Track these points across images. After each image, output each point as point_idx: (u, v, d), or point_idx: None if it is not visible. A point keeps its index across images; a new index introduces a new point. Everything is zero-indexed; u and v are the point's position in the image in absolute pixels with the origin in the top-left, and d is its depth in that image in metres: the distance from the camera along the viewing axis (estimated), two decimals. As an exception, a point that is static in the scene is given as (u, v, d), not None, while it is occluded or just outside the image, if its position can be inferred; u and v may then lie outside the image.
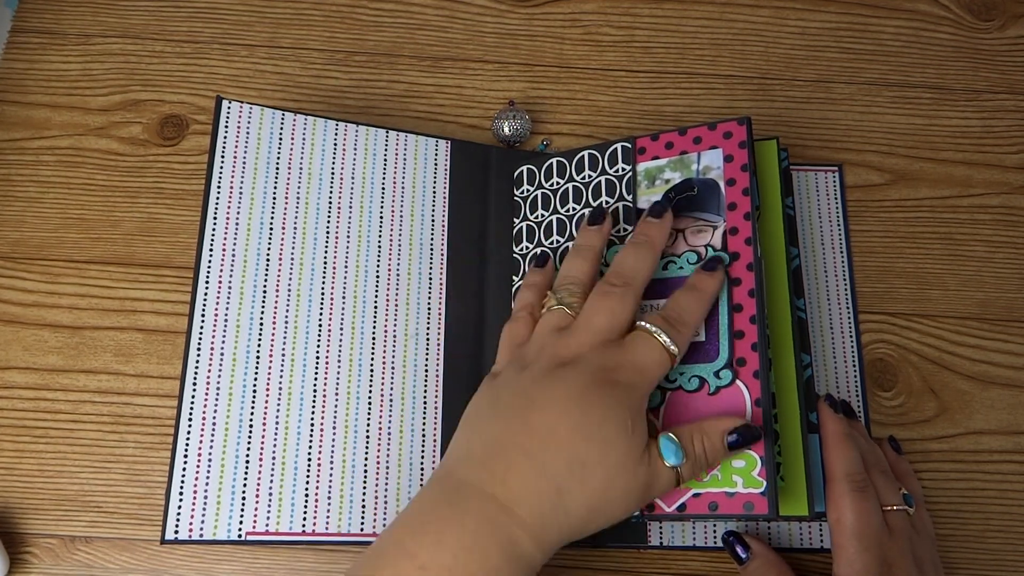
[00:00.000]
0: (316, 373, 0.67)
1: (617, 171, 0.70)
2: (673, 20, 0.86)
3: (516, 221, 0.74)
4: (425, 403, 0.68)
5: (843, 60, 0.85)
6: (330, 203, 0.71)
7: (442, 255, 0.72)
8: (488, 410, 0.60)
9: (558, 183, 0.73)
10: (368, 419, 0.67)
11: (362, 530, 0.64)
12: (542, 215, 0.73)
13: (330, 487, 0.65)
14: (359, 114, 0.80)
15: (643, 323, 0.59)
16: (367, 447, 0.66)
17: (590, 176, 0.71)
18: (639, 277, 0.62)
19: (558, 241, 0.71)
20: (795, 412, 0.63)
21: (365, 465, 0.66)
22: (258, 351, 0.66)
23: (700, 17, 0.86)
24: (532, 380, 0.58)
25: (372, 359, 0.68)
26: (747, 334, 0.62)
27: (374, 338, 0.69)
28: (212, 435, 0.64)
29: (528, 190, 0.74)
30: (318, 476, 0.65)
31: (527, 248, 0.72)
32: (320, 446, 0.65)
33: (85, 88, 0.80)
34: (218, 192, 0.68)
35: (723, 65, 0.85)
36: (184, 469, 0.63)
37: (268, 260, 0.68)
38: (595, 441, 0.55)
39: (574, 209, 0.71)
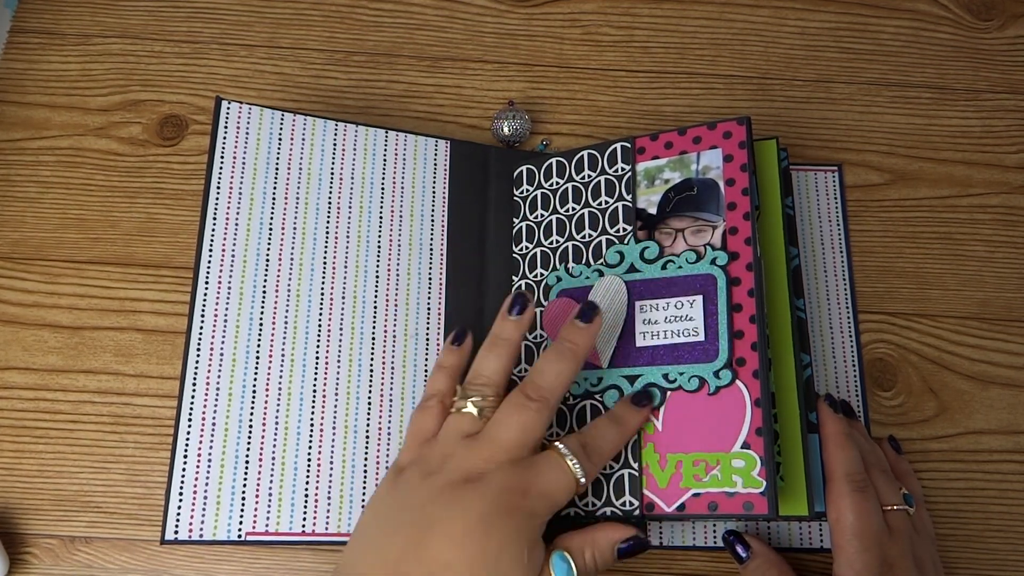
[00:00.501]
0: (316, 373, 0.67)
1: (616, 171, 0.70)
2: (673, 20, 0.86)
3: (516, 221, 0.74)
4: (425, 403, 0.68)
5: (843, 60, 0.85)
6: (330, 203, 0.71)
7: (442, 255, 0.72)
8: (386, 523, 0.57)
9: (558, 183, 0.73)
10: (368, 419, 0.67)
11: (362, 530, 0.65)
12: (542, 215, 0.73)
13: (330, 487, 0.65)
14: (359, 114, 0.80)
15: (558, 444, 0.58)
16: (367, 447, 0.67)
17: (589, 176, 0.71)
18: (557, 391, 0.60)
19: (558, 241, 0.71)
20: (795, 412, 0.63)
21: (365, 465, 0.66)
22: (258, 351, 0.66)
23: (700, 17, 0.86)
24: (433, 495, 0.55)
25: (372, 359, 0.68)
26: (747, 334, 0.62)
27: (374, 338, 0.69)
28: (212, 435, 0.64)
29: (528, 190, 0.74)
30: (318, 476, 0.65)
31: (527, 248, 0.72)
32: (320, 446, 0.65)
33: (84, 88, 0.80)
34: (218, 192, 0.68)
35: (723, 65, 0.85)
36: (184, 469, 0.63)
37: (268, 260, 0.68)
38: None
39: (574, 209, 0.71)
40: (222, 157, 0.69)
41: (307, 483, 0.65)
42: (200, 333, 0.65)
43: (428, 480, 0.57)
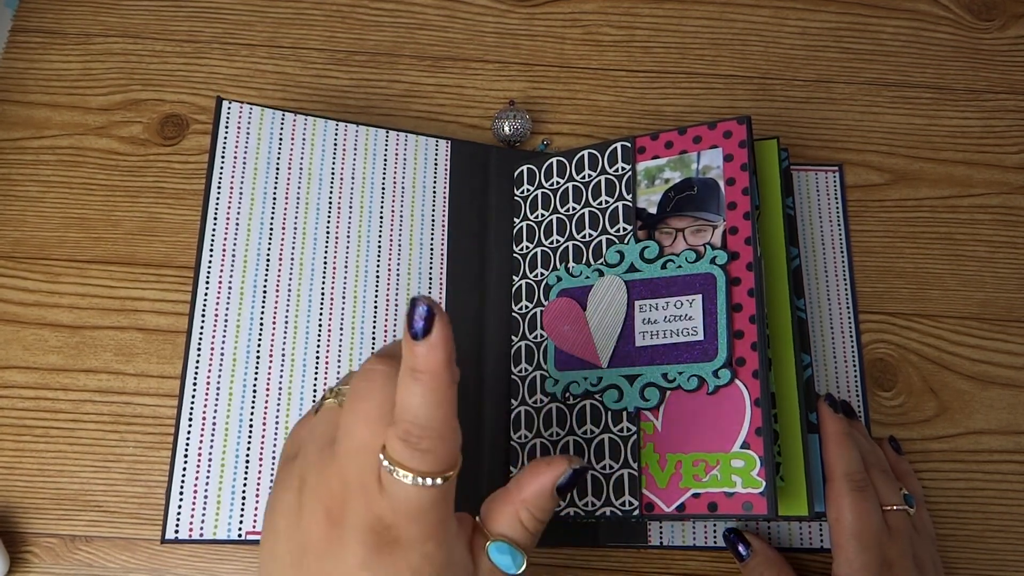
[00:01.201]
0: (316, 373, 0.67)
1: (617, 170, 0.70)
2: (673, 20, 0.86)
3: (516, 221, 0.74)
4: (425, 403, 0.68)
5: (843, 60, 0.85)
6: (330, 203, 0.71)
7: (442, 255, 0.72)
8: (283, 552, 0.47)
9: (558, 183, 0.73)
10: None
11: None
12: (542, 215, 0.73)
13: (330, 487, 0.65)
14: (359, 114, 0.80)
15: (385, 463, 0.44)
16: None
17: (590, 176, 0.71)
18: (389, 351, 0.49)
19: (558, 240, 0.71)
20: (795, 412, 0.63)
21: (365, 465, 0.66)
22: (258, 351, 0.66)
23: (700, 17, 0.86)
24: (306, 550, 0.45)
25: (372, 359, 0.68)
26: (746, 334, 0.62)
27: (374, 338, 0.69)
28: (212, 435, 0.64)
29: (528, 190, 0.74)
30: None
31: (527, 248, 0.73)
32: (320, 445, 0.65)
33: (85, 88, 0.80)
34: (218, 192, 0.68)
35: (723, 65, 0.85)
36: (184, 469, 0.63)
37: (268, 260, 0.68)
38: None
39: (574, 209, 0.71)
40: (223, 157, 0.69)
41: (307, 482, 0.65)
42: (200, 333, 0.66)
43: (292, 522, 0.46)
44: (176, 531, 0.62)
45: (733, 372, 0.62)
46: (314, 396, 0.66)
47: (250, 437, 0.64)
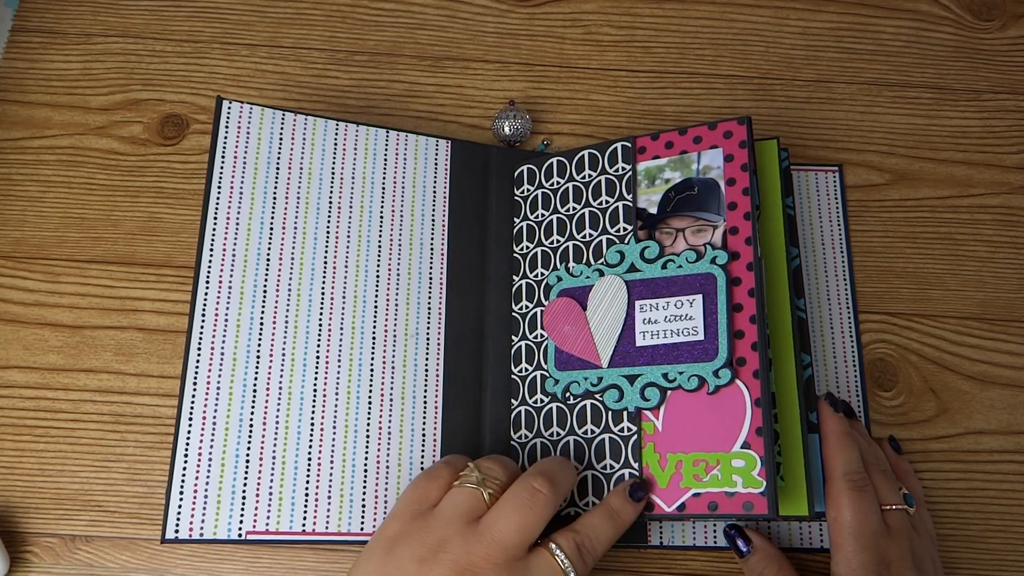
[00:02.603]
0: (316, 373, 0.67)
1: (617, 170, 0.70)
2: (674, 20, 0.86)
3: (516, 221, 0.74)
4: (425, 403, 0.68)
5: (843, 60, 0.85)
6: (330, 203, 0.71)
7: (442, 255, 0.72)
8: None
9: (558, 183, 0.73)
10: (368, 419, 0.67)
11: (362, 529, 0.65)
12: (542, 215, 0.73)
13: (330, 487, 0.65)
14: (360, 114, 0.80)
15: (552, 545, 0.58)
16: (367, 447, 0.67)
17: (590, 176, 0.71)
18: (564, 490, 0.60)
19: (558, 240, 0.71)
20: (795, 412, 0.63)
21: (365, 465, 0.66)
22: (258, 351, 0.66)
23: (700, 17, 0.86)
24: None
25: (372, 359, 0.68)
26: (747, 334, 0.62)
27: (374, 338, 0.69)
28: (212, 435, 0.64)
29: (528, 190, 0.74)
30: (318, 476, 0.65)
31: (527, 247, 0.73)
32: (320, 446, 0.65)
33: (86, 87, 0.80)
34: (218, 192, 0.68)
35: (724, 65, 0.85)
36: (184, 469, 0.63)
37: (268, 260, 0.68)
38: None
39: (574, 209, 0.71)
40: (223, 157, 0.69)
41: (307, 482, 0.65)
42: (200, 333, 0.66)
43: (422, 569, 0.56)
44: (176, 531, 0.62)
45: (734, 372, 0.62)
46: (314, 396, 0.66)
47: (250, 437, 0.64)
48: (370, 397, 0.67)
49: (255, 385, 0.66)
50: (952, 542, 0.72)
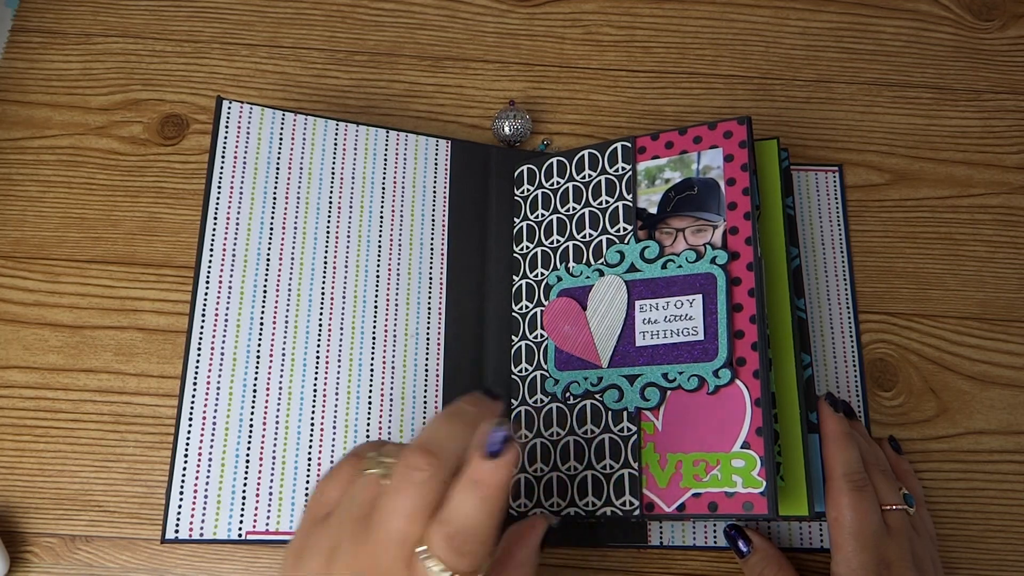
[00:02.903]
0: (316, 373, 0.67)
1: (617, 170, 0.70)
2: (674, 20, 0.86)
3: (516, 221, 0.74)
4: (425, 403, 0.68)
5: (843, 60, 0.85)
6: (330, 203, 0.71)
7: (442, 255, 0.72)
8: None
9: (558, 183, 0.73)
10: (368, 419, 0.67)
11: (362, 529, 0.64)
12: (542, 215, 0.73)
13: (330, 486, 0.65)
14: (360, 114, 0.80)
15: (423, 557, 0.46)
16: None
17: (590, 175, 0.71)
18: (451, 446, 0.50)
19: (558, 240, 0.71)
20: (795, 412, 0.63)
21: (365, 464, 0.66)
22: (258, 351, 0.66)
23: (700, 17, 0.86)
24: None
25: (372, 359, 0.68)
26: (747, 334, 0.62)
27: (374, 338, 0.69)
28: (212, 435, 0.64)
29: (528, 189, 0.74)
30: (318, 475, 0.65)
31: (527, 247, 0.73)
32: (320, 446, 0.66)
33: (86, 87, 0.80)
34: (218, 192, 0.68)
35: (724, 65, 0.85)
36: (184, 468, 0.63)
37: (268, 260, 0.68)
38: None
39: (574, 208, 0.71)
40: (223, 157, 0.69)
41: (307, 482, 0.65)
42: (200, 333, 0.66)
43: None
44: (176, 531, 0.62)
45: (733, 372, 0.62)
46: (314, 396, 0.66)
47: (250, 437, 0.65)
48: (370, 397, 0.67)
49: (255, 385, 0.66)
50: (952, 542, 0.72)
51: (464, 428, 0.50)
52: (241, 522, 0.63)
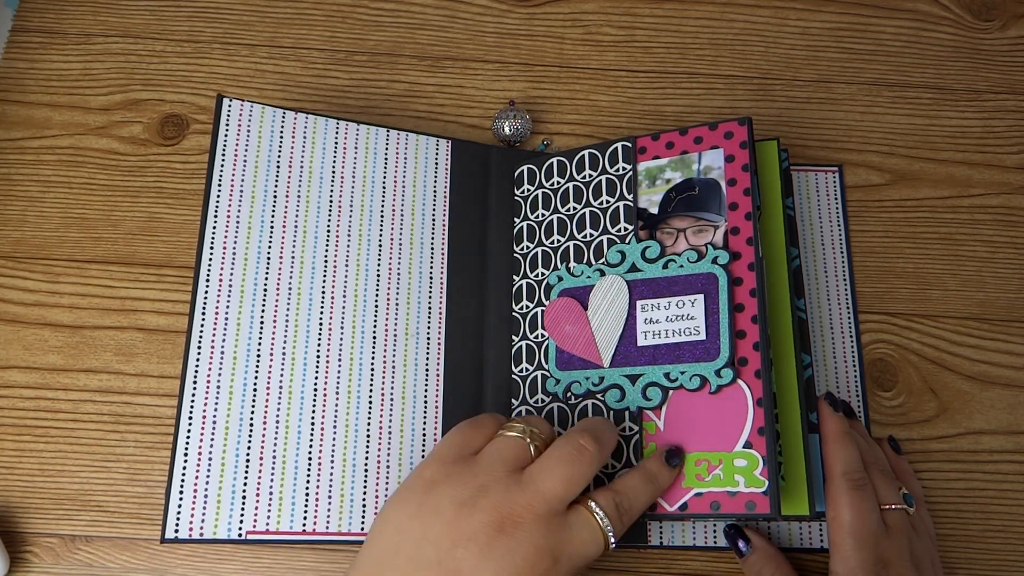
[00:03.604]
0: (316, 372, 0.67)
1: (617, 170, 0.70)
2: (673, 20, 0.86)
3: (516, 220, 0.74)
4: (426, 402, 0.68)
5: (843, 60, 0.85)
6: (331, 202, 0.71)
7: (442, 254, 0.72)
8: (412, 549, 0.54)
9: (559, 183, 0.73)
10: (368, 418, 0.67)
11: (362, 529, 0.64)
12: (542, 215, 0.73)
13: (330, 486, 0.65)
14: (360, 114, 0.80)
15: (592, 504, 0.57)
16: (367, 446, 0.67)
17: (590, 175, 0.71)
18: (607, 449, 0.60)
19: (559, 240, 0.71)
20: (796, 412, 0.63)
21: (365, 465, 0.66)
22: (258, 350, 0.66)
23: (700, 17, 0.86)
24: (465, 537, 0.53)
25: (372, 358, 0.68)
26: (748, 334, 0.62)
27: (374, 337, 0.69)
28: (212, 434, 0.64)
29: (528, 189, 0.74)
30: (318, 475, 0.65)
31: (527, 247, 0.73)
32: (320, 445, 0.65)
33: (86, 88, 0.80)
34: (218, 191, 0.68)
35: (724, 65, 0.85)
36: (184, 468, 0.63)
37: (268, 259, 0.68)
38: None
39: (574, 208, 0.71)
40: (223, 155, 0.69)
41: (308, 482, 0.65)
42: (201, 332, 0.65)
43: (461, 512, 0.54)
44: (176, 531, 0.62)
45: (735, 372, 0.62)
46: (315, 395, 0.66)
47: (250, 436, 0.64)
48: (370, 397, 0.67)
49: (255, 384, 0.65)
50: (952, 542, 0.72)
51: (616, 435, 0.62)
52: (241, 522, 0.63)
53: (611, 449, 0.60)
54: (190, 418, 0.64)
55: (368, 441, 0.67)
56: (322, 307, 0.68)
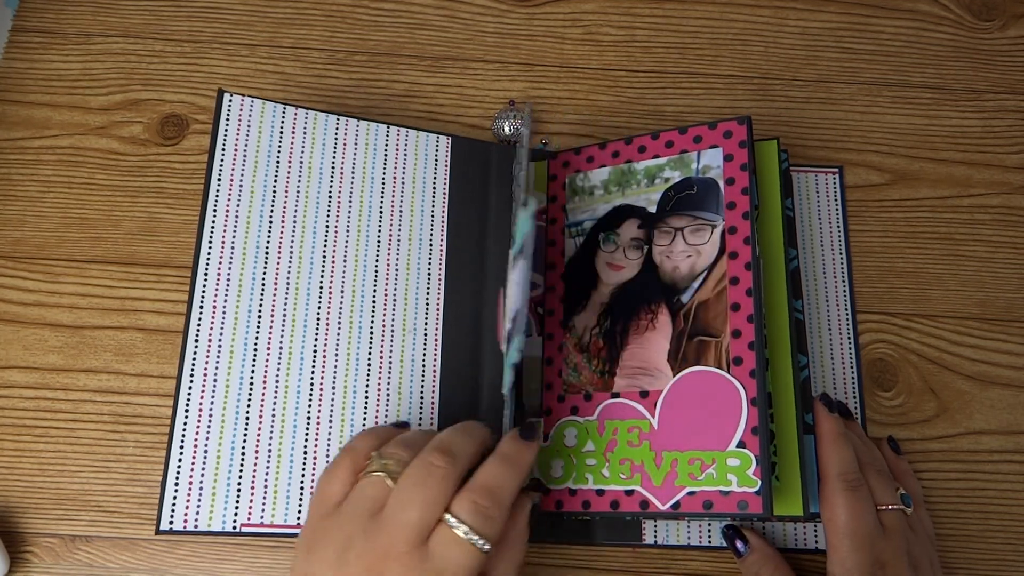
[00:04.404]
0: (313, 367, 0.67)
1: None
2: (673, 20, 0.86)
3: (516, 218, 0.74)
4: (422, 398, 0.68)
5: (843, 60, 0.85)
6: (330, 197, 0.71)
7: (441, 250, 0.72)
8: None
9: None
10: (364, 413, 0.67)
11: (358, 526, 0.65)
12: (541, 214, 0.73)
13: (327, 483, 0.65)
14: (360, 113, 0.80)
15: (448, 516, 0.54)
16: (364, 443, 0.67)
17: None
18: (465, 451, 0.57)
19: (557, 240, 0.71)
20: (791, 412, 0.63)
21: (363, 461, 0.66)
22: (256, 343, 0.66)
23: (700, 17, 0.86)
24: None
25: (370, 353, 0.68)
26: (744, 333, 0.62)
27: (372, 332, 0.69)
28: (208, 426, 0.64)
29: (527, 189, 0.74)
30: (314, 468, 0.65)
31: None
32: (316, 439, 0.66)
33: (85, 87, 0.80)
34: (218, 185, 0.68)
35: (723, 65, 0.85)
36: (180, 460, 0.63)
37: (267, 253, 0.68)
38: None
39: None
40: (223, 150, 0.69)
41: (303, 475, 0.65)
42: (199, 325, 0.66)
43: (338, 572, 0.54)
44: (171, 522, 0.62)
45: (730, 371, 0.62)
46: (311, 389, 0.66)
47: (246, 430, 0.65)
48: (367, 392, 0.68)
49: (252, 378, 0.66)
50: (952, 542, 0.72)
51: (474, 441, 0.58)
52: (236, 514, 0.63)
53: (469, 454, 0.57)
54: (186, 411, 0.64)
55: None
56: (320, 301, 0.68)
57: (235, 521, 0.63)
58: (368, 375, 0.68)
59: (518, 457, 0.58)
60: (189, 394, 0.64)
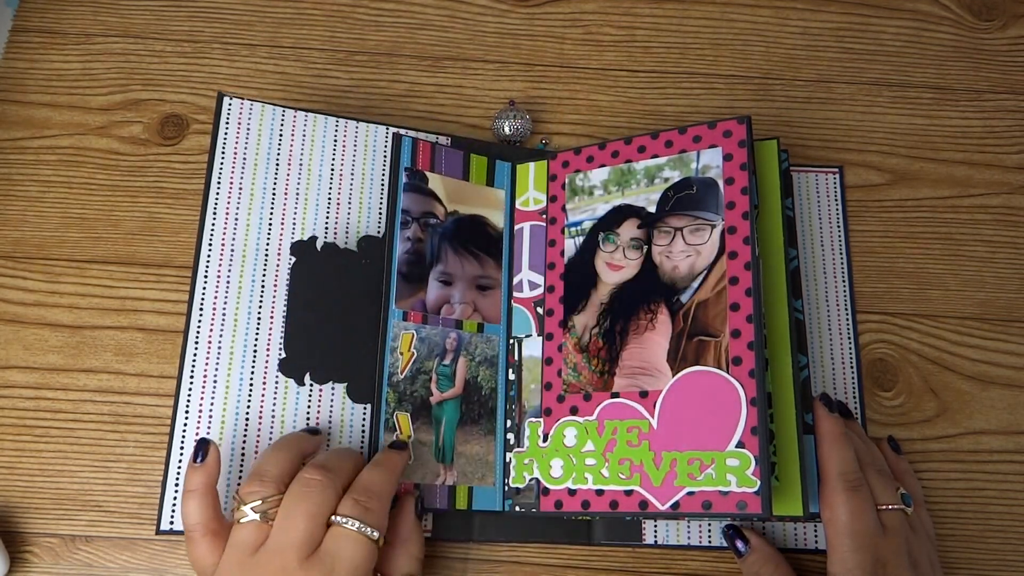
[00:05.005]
0: (313, 368, 0.67)
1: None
2: (674, 20, 0.86)
3: (515, 220, 0.74)
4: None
5: (844, 60, 0.85)
6: (329, 199, 0.71)
7: (440, 253, 0.72)
8: None
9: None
10: (364, 413, 0.67)
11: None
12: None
13: (327, 485, 0.65)
14: (359, 114, 0.80)
15: (335, 517, 0.57)
16: (362, 441, 0.67)
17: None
18: (342, 468, 0.60)
19: (557, 240, 0.71)
20: (791, 413, 0.63)
21: (362, 462, 0.66)
22: (255, 344, 0.66)
23: (701, 17, 0.86)
24: None
25: (369, 357, 0.68)
26: (743, 333, 0.62)
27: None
28: (208, 427, 0.64)
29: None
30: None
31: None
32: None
33: (86, 87, 0.80)
34: (218, 188, 0.68)
35: (724, 65, 0.85)
36: (180, 461, 0.63)
37: (267, 255, 0.68)
38: None
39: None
40: (223, 152, 0.69)
41: (302, 480, 0.65)
42: (198, 327, 0.66)
43: None
44: (171, 522, 0.62)
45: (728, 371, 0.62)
46: (310, 392, 0.66)
47: (245, 431, 0.65)
48: (367, 394, 0.68)
49: (251, 380, 0.66)
50: (952, 542, 0.72)
51: (350, 457, 0.62)
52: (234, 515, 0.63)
53: (347, 471, 0.60)
54: (186, 411, 0.64)
55: (363, 436, 0.67)
56: (319, 305, 0.69)
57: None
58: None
59: (389, 462, 0.63)
60: (189, 394, 0.64)
